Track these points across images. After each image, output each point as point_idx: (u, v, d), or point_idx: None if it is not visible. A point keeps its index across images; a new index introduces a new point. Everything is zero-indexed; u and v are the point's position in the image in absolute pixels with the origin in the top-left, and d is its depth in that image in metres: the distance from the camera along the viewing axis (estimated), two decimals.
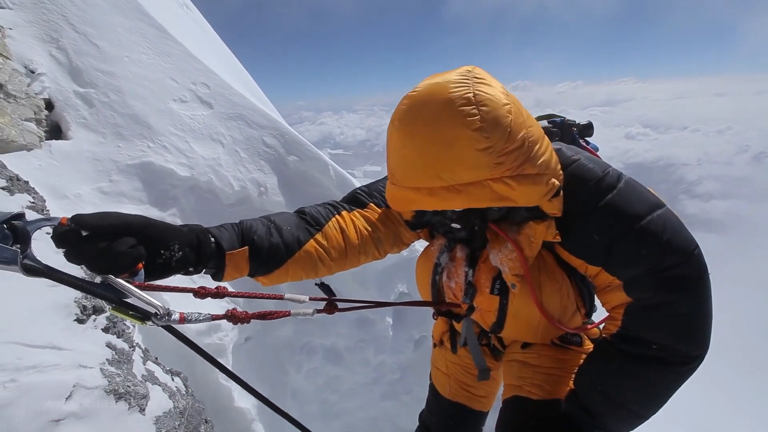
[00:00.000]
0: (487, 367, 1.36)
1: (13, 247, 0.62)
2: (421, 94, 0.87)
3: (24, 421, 1.21)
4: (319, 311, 1.05)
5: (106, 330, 1.71)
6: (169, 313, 0.72)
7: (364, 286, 3.85)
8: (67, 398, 1.32)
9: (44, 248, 0.76)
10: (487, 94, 0.83)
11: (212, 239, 0.91)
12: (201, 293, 0.86)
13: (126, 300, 0.73)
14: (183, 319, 0.74)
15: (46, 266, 0.66)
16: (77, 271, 1.67)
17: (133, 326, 2.09)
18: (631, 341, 0.99)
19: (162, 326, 0.75)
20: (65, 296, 1.63)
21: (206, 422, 2.03)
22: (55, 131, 3.11)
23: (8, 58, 2.94)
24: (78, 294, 1.66)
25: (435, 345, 1.57)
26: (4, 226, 0.63)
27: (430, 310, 1.36)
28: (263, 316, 0.92)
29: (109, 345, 1.64)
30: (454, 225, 1.09)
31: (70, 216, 0.71)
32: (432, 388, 1.59)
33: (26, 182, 2.23)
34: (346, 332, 3.82)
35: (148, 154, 3.19)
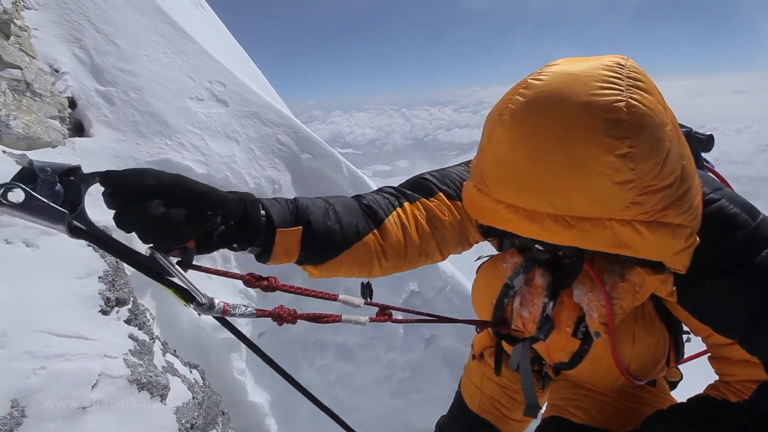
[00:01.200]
0: (537, 403, 1.17)
1: (63, 207, 0.56)
2: (551, 87, 0.65)
3: (53, 408, 1.26)
4: (372, 319, 0.90)
5: (128, 322, 1.76)
6: (212, 305, 0.64)
7: (375, 283, 3.87)
8: (93, 386, 1.36)
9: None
10: (645, 107, 0.61)
11: (262, 212, 0.74)
12: (250, 282, 0.73)
13: (171, 279, 0.66)
14: (226, 311, 0.66)
15: (95, 229, 0.60)
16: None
17: (153, 319, 2.15)
18: (759, 419, 0.81)
19: (204, 314, 0.67)
20: (90, 288, 1.68)
21: (223, 414, 2.07)
22: (78, 129, 3.20)
23: (34, 58, 3.02)
24: (103, 286, 1.71)
25: (474, 357, 1.42)
26: (56, 180, 0.57)
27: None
28: (313, 318, 0.79)
29: (131, 336, 1.69)
30: (537, 247, 0.90)
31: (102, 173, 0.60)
32: (459, 397, 1.46)
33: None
34: (358, 330, 3.85)
35: (166, 151, 3.26)
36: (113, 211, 0.58)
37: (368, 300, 0.98)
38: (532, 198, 0.66)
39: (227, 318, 0.69)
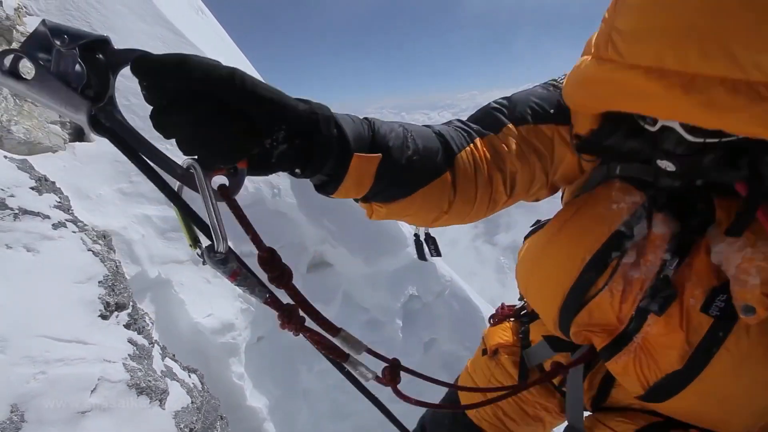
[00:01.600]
0: (582, 428, 0.90)
1: (86, 93, 0.45)
2: None
3: (52, 412, 1.26)
4: (378, 380, 0.76)
5: (127, 326, 1.77)
6: (226, 259, 0.52)
7: (375, 286, 3.88)
8: (92, 391, 1.37)
9: None
10: None
11: (335, 130, 0.57)
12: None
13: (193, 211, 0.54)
14: (234, 276, 0.54)
15: (125, 129, 0.50)
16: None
17: (152, 323, 2.15)
18: None
19: (210, 264, 0.54)
20: (90, 292, 1.69)
21: (221, 419, 2.08)
22: (79, 133, 3.21)
23: None
24: (102, 290, 1.72)
25: (484, 352, 1.15)
26: (77, 54, 0.44)
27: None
28: (317, 342, 0.68)
29: (130, 341, 1.70)
30: (666, 165, 0.61)
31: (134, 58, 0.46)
32: (452, 397, 1.21)
33: (53, 182, 2.31)
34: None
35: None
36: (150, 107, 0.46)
37: (434, 254, 0.85)
38: (699, 50, 0.43)
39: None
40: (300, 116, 0.53)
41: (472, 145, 0.75)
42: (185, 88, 0.45)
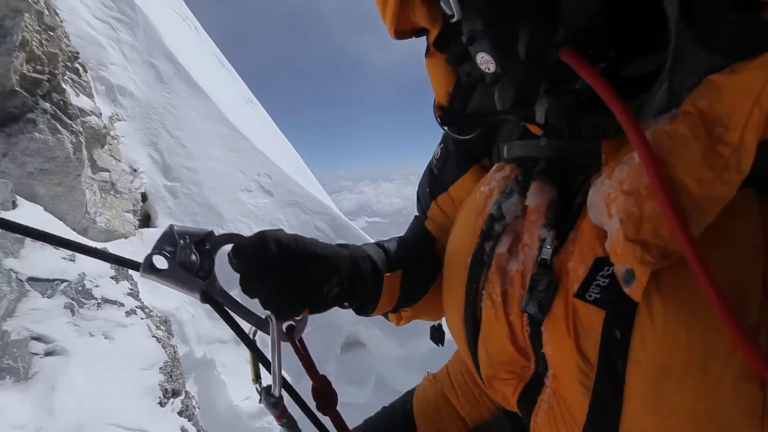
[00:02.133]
0: None
1: (198, 275, 0.58)
2: None
3: None
4: None
5: (180, 413, 1.89)
6: (278, 402, 0.59)
7: (408, 368, 3.84)
8: None
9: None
10: None
11: (370, 264, 0.67)
12: (316, 394, 0.64)
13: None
14: (280, 417, 0.60)
15: (225, 297, 0.61)
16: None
17: (198, 407, 2.26)
18: None
19: (264, 403, 0.61)
20: (152, 379, 1.85)
21: None
22: (146, 219, 3.64)
23: (119, 161, 3.59)
24: (162, 377, 1.88)
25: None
26: (193, 247, 0.58)
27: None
28: None
29: (182, 429, 1.81)
30: (479, 57, 0.46)
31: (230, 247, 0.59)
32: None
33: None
34: None
35: None
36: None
37: (440, 345, 0.86)
38: None
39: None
40: (345, 264, 0.63)
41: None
42: (262, 262, 0.57)
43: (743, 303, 0.34)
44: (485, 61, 0.46)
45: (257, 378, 0.62)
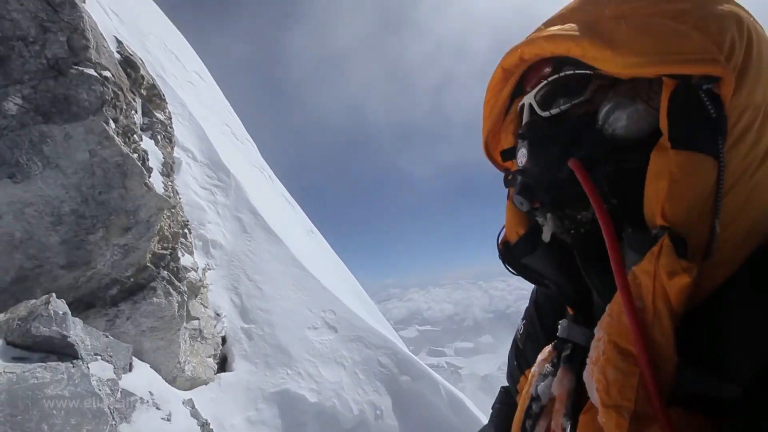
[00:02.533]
0: None
1: None
2: None
3: None
4: None
5: None
6: None
7: None
8: None
9: None
10: None
11: None
12: None
13: None
14: None
15: None
16: None
17: None
18: None
19: None
20: None
21: None
22: (222, 362, 3.92)
23: (207, 308, 4.06)
24: None
25: None
26: None
27: None
28: None
29: None
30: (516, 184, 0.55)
31: None
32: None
33: (206, 420, 2.77)
34: None
35: (286, 381, 3.74)
36: None
37: None
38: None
39: None
40: None
41: None
42: None
43: None
44: (521, 155, 0.55)
45: None
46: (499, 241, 0.67)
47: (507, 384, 0.87)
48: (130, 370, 2.54)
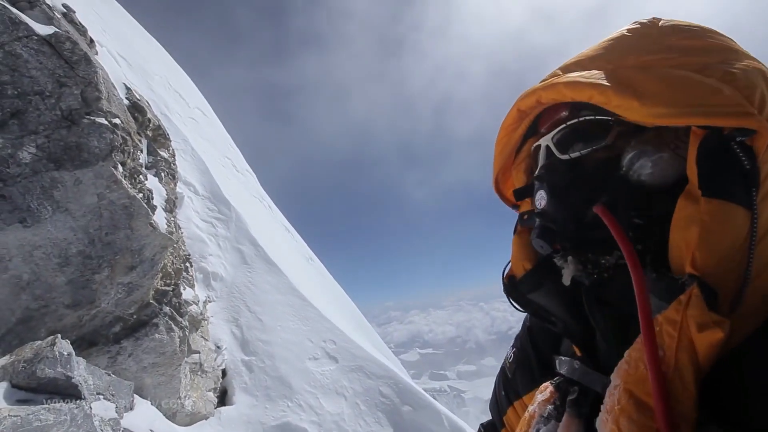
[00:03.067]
0: None
1: None
2: None
3: None
4: None
5: None
6: None
7: None
8: None
9: None
10: None
11: None
12: None
13: None
14: None
15: None
16: None
17: None
18: None
19: None
20: None
21: None
22: (222, 395, 3.89)
23: (207, 340, 4.07)
24: None
25: None
26: None
27: None
28: None
29: None
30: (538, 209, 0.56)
31: None
32: None
33: None
34: None
35: (287, 414, 3.71)
36: None
37: None
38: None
39: None
40: None
41: None
42: None
43: None
44: (540, 197, 0.54)
45: None
46: (505, 275, 0.65)
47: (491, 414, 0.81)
48: (132, 409, 2.55)
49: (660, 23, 0.52)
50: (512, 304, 0.63)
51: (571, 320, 0.59)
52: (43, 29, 2.18)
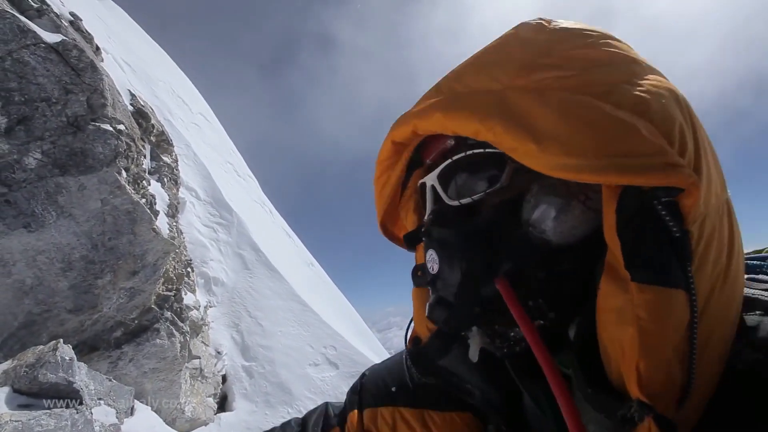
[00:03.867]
0: None
1: None
2: None
3: None
4: None
5: None
6: None
7: None
8: None
9: None
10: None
11: None
12: None
13: None
14: None
15: None
16: None
17: None
18: None
19: None
20: None
21: None
22: (222, 400, 3.88)
23: (208, 346, 4.07)
24: None
25: None
26: None
27: None
28: None
29: None
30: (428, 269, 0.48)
31: None
32: None
33: None
34: None
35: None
36: None
37: None
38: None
39: None
40: None
41: None
42: None
43: None
44: (431, 259, 0.45)
45: None
46: (408, 338, 0.56)
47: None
48: (132, 414, 2.55)
49: (550, 26, 0.43)
50: (419, 376, 0.53)
51: (489, 389, 0.50)
52: (50, 37, 2.21)
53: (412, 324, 0.56)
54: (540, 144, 0.35)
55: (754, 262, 0.50)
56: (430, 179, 0.48)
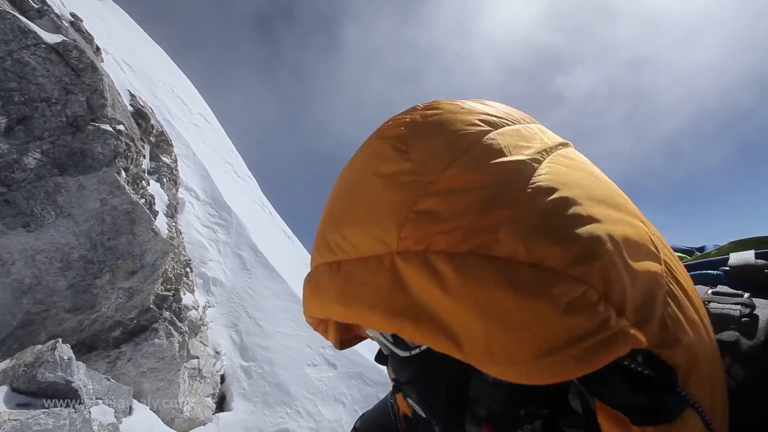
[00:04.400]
0: None
1: None
2: None
3: None
4: None
5: None
6: None
7: None
8: None
9: None
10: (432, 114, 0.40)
11: None
12: None
13: None
14: None
15: None
16: None
17: None
18: None
19: None
20: None
21: None
22: (221, 400, 3.89)
23: (206, 346, 4.07)
24: None
25: None
26: None
27: None
28: None
29: None
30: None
31: None
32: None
33: None
34: None
35: (285, 420, 3.70)
36: None
37: None
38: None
39: None
40: None
41: None
42: None
43: None
44: (416, 407, 0.44)
45: None
46: (399, 420, 0.57)
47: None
48: (130, 414, 2.55)
49: (408, 145, 0.36)
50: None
51: None
52: (51, 38, 2.22)
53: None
54: (461, 349, 0.29)
55: (710, 272, 0.48)
56: (373, 332, 0.43)
